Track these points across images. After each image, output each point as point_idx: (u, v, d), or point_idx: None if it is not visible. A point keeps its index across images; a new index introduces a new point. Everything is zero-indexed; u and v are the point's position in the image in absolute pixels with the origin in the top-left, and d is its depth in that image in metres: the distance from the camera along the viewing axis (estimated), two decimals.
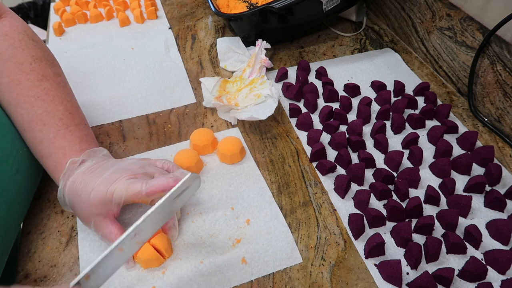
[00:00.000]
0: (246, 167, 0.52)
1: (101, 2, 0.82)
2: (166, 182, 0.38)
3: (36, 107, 0.42)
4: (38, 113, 0.42)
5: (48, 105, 0.43)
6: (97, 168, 0.41)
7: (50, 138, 0.42)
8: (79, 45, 0.73)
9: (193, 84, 0.65)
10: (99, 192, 0.38)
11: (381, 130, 0.55)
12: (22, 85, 0.42)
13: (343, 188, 0.48)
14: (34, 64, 0.43)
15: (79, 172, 0.40)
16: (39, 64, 0.44)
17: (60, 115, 0.43)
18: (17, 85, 0.42)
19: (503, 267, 0.41)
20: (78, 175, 0.40)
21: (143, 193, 0.38)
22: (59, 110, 0.43)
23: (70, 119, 0.44)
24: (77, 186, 0.40)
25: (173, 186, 0.36)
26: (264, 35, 0.68)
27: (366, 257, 0.43)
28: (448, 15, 0.63)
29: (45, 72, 0.44)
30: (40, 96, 0.42)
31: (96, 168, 0.41)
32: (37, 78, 0.43)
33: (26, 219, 0.46)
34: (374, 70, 0.68)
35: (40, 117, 0.42)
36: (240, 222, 0.46)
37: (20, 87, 0.42)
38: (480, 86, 0.59)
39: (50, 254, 0.43)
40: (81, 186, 0.39)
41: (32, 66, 0.43)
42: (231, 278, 0.41)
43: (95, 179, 0.39)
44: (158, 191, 0.38)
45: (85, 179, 0.40)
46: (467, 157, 0.51)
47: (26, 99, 0.42)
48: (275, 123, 0.58)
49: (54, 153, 0.42)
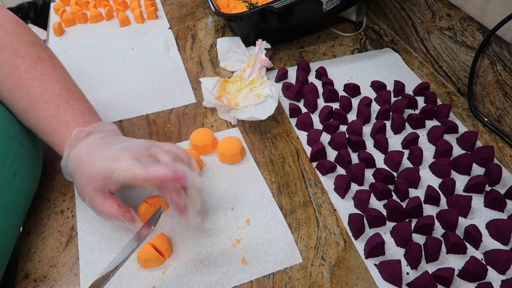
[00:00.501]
0: (246, 167, 0.52)
1: (101, 2, 0.82)
2: (164, 172, 0.37)
3: (35, 87, 0.43)
4: (38, 93, 0.43)
5: (46, 83, 0.43)
6: (103, 143, 0.41)
7: (52, 114, 0.42)
8: (79, 45, 0.73)
9: (193, 84, 0.65)
10: (101, 167, 0.38)
11: (381, 130, 0.55)
12: (19, 69, 0.43)
13: (343, 188, 0.48)
14: (29, 48, 0.44)
15: (85, 144, 0.40)
16: (34, 48, 0.45)
17: (59, 92, 0.44)
18: (14, 70, 0.43)
19: (503, 267, 0.41)
20: (83, 146, 0.40)
21: (140, 179, 0.37)
22: (57, 87, 0.44)
23: (69, 94, 0.44)
24: (80, 157, 0.40)
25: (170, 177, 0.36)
26: (264, 35, 0.68)
27: (366, 257, 0.43)
28: (448, 15, 0.63)
29: (40, 55, 0.45)
30: (38, 76, 0.43)
31: (102, 142, 0.41)
32: (33, 60, 0.44)
33: (26, 219, 0.46)
34: (374, 70, 0.68)
35: (40, 96, 0.43)
36: (240, 222, 0.46)
37: (18, 71, 0.43)
38: (480, 86, 0.59)
39: (50, 254, 0.43)
40: (85, 158, 0.40)
41: (27, 50, 0.44)
42: (231, 278, 0.41)
43: (99, 154, 0.39)
44: (156, 179, 0.37)
45: (90, 151, 0.40)
46: (467, 157, 0.51)
47: (25, 81, 0.43)
48: (275, 123, 0.58)
49: (57, 128, 0.42)
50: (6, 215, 0.40)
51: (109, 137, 0.42)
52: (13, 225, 0.41)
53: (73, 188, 0.49)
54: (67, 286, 0.41)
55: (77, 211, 0.47)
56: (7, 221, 0.40)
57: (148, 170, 0.37)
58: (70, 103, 0.44)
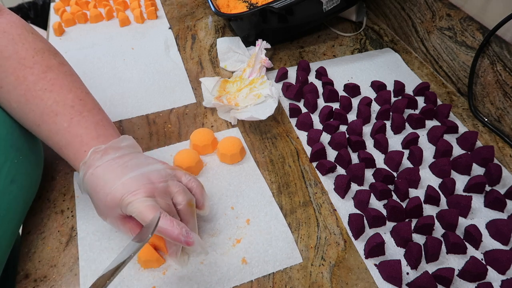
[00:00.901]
0: (246, 167, 0.52)
1: (101, 2, 0.82)
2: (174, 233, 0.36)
3: (45, 100, 0.41)
4: (48, 105, 0.41)
5: (57, 95, 0.41)
6: (119, 166, 0.39)
7: (65, 127, 0.41)
8: (79, 45, 0.73)
9: (193, 84, 0.65)
10: (116, 198, 0.37)
11: (381, 130, 0.55)
12: (27, 80, 0.41)
13: (343, 188, 0.48)
14: (36, 57, 0.42)
15: (100, 165, 0.39)
16: (42, 56, 0.43)
17: (70, 103, 0.42)
18: (22, 81, 0.41)
19: (503, 267, 0.41)
20: (99, 168, 0.39)
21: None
22: (68, 98, 0.42)
23: (82, 105, 0.42)
24: (96, 181, 0.39)
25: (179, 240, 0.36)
26: (264, 35, 0.68)
27: (366, 257, 0.43)
28: (448, 15, 0.63)
29: (49, 63, 0.43)
30: (48, 87, 0.41)
31: (118, 165, 0.39)
32: (42, 70, 0.42)
33: (26, 219, 0.46)
34: (374, 70, 0.68)
35: (51, 108, 0.41)
36: (240, 222, 0.46)
37: (26, 82, 0.41)
38: (480, 86, 0.59)
39: (50, 254, 0.43)
40: (101, 183, 0.38)
41: (35, 59, 0.42)
42: (232, 278, 0.41)
43: (114, 180, 0.38)
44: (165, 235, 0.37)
45: (106, 175, 0.38)
46: (467, 157, 0.51)
47: (34, 93, 0.41)
48: (275, 123, 0.58)
49: (71, 142, 0.41)
50: (1, 222, 0.39)
51: (125, 157, 0.40)
52: (9, 231, 0.40)
53: (73, 188, 0.49)
54: (67, 286, 0.41)
55: (77, 211, 0.47)
56: (2, 227, 0.39)
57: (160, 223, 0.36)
58: (83, 115, 0.42)
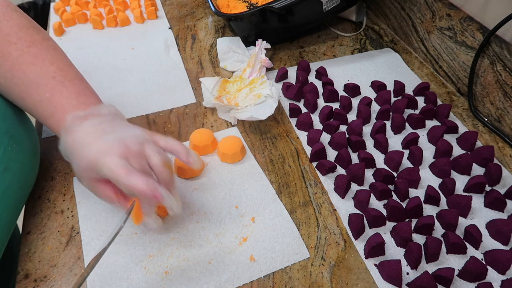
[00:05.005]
0: (247, 165, 0.52)
1: (101, 2, 0.82)
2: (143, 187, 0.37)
3: (28, 72, 0.42)
4: (32, 77, 0.42)
5: (40, 67, 0.42)
6: (97, 130, 0.40)
7: (47, 97, 0.42)
8: (79, 45, 0.73)
9: (193, 84, 0.65)
10: (90, 160, 0.38)
11: (381, 130, 0.55)
12: (12, 55, 0.42)
13: (343, 188, 0.48)
14: (20, 33, 0.43)
15: (80, 130, 0.40)
16: (26, 31, 0.44)
17: (52, 74, 0.43)
18: (7, 57, 0.42)
19: (503, 267, 0.41)
20: (78, 133, 0.40)
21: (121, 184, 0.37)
22: (50, 70, 0.43)
23: (63, 76, 0.43)
24: (74, 145, 0.39)
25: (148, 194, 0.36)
26: (264, 35, 0.68)
27: (366, 257, 0.43)
28: (448, 15, 0.63)
29: (32, 38, 0.44)
30: (31, 61, 0.42)
31: (96, 129, 0.40)
32: (26, 45, 0.43)
33: (26, 219, 0.46)
34: (374, 70, 0.68)
35: (34, 80, 0.42)
36: (246, 220, 0.46)
37: (11, 58, 0.42)
38: (480, 86, 0.59)
39: (50, 254, 0.43)
40: (78, 147, 0.39)
41: (18, 35, 0.43)
42: (241, 276, 0.41)
43: (91, 143, 0.39)
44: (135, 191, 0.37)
45: (84, 140, 0.39)
46: (467, 157, 0.51)
47: (18, 67, 0.42)
48: (275, 123, 0.58)
49: (54, 111, 0.42)
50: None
51: (104, 123, 0.41)
52: (4, 218, 0.41)
53: (73, 188, 0.49)
54: (67, 286, 0.41)
55: (77, 211, 0.47)
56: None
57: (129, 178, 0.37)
58: (65, 85, 0.43)
